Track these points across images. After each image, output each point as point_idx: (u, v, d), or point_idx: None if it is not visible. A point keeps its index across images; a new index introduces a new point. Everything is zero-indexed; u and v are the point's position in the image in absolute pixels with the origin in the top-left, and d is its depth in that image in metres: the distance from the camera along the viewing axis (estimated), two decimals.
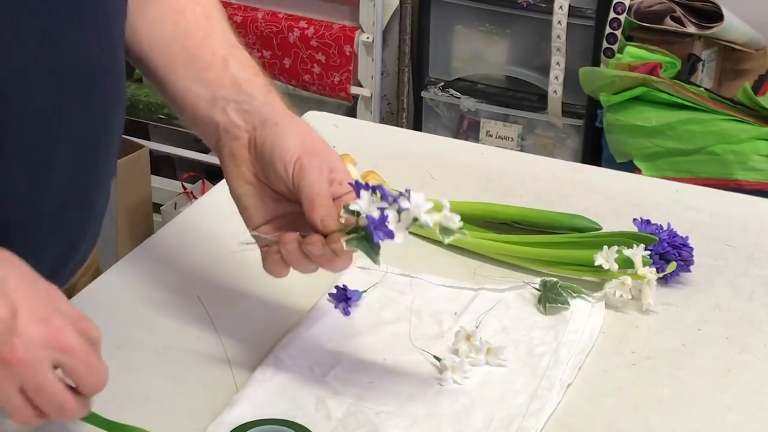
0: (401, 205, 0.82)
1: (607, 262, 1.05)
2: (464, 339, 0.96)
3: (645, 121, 2.28)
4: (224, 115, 0.94)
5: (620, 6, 2.38)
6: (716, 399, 0.94)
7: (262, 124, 0.91)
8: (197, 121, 0.96)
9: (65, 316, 0.77)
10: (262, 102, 0.94)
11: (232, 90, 0.95)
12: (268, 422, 0.87)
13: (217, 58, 0.97)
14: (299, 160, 0.88)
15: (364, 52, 2.70)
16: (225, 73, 0.96)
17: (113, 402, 0.91)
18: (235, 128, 0.93)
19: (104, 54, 0.92)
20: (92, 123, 0.92)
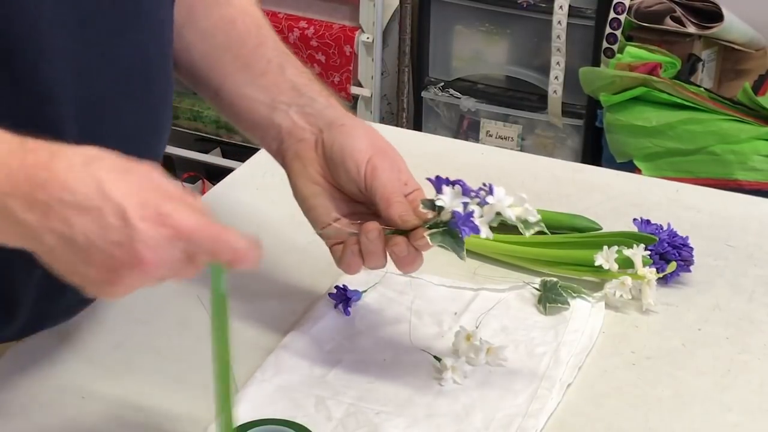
0: (484, 199, 0.83)
1: (607, 262, 1.05)
2: (464, 339, 0.96)
3: (645, 121, 2.28)
4: (287, 118, 0.95)
5: (620, 6, 2.38)
6: (716, 399, 0.93)
7: (328, 126, 0.93)
8: (256, 126, 0.96)
9: (172, 198, 0.71)
10: (324, 105, 0.95)
11: (291, 94, 0.96)
12: (269, 422, 0.87)
13: (273, 64, 0.98)
14: (371, 160, 0.89)
15: (364, 52, 2.70)
16: (283, 78, 0.97)
17: (113, 402, 0.91)
18: (299, 130, 0.94)
19: (159, 55, 0.93)
20: (143, 122, 0.93)
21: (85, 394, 0.92)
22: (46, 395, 0.91)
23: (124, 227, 0.69)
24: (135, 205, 0.69)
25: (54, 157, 0.70)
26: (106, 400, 0.91)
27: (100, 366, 0.95)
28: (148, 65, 0.91)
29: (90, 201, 0.69)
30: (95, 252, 0.70)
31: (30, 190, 0.69)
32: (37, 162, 0.70)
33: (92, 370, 0.95)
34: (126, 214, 0.69)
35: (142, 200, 0.70)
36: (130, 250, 0.69)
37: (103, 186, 0.69)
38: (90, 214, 0.69)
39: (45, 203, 0.69)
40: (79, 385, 0.92)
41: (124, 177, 0.71)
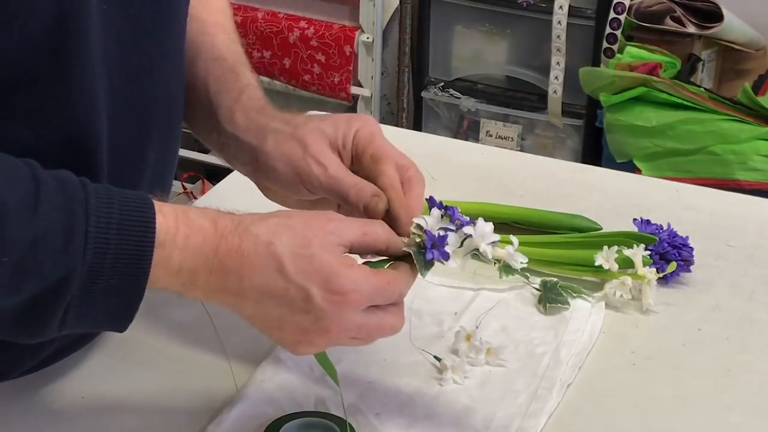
0: (465, 231, 0.81)
1: (607, 262, 1.05)
2: (464, 339, 0.96)
3: (645, 121, 2.28)
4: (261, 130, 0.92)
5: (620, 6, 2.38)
6: (716, 399, 0.94)
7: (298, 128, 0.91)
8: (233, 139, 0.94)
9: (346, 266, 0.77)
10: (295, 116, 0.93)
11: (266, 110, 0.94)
12: (303, 415, 0.87)
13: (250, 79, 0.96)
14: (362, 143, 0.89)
15: (364, 52, 2.70)
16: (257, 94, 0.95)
17: (113, 402, 0.91)
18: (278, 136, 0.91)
19: (179, 92, 0.92)
20: (165, 158, 0.92)
21: (85, 394, 0.92)
22: (46, 395, 0.91)
23: (309, 308, 0.76)
24: (317, 287, 0.76)
25: (242, 241, 0.76)
26: (106, 400, 0.91)
27: (100, 366, 0.95)
28: (170, 104, 0.90)
29: (275, 282, 0.76)
30: (287, 323, 0.77)
31: (225, 274, 0.76)
32: (228, 249, 0.76)
33: (92, 370, 0.94)
34: (309, 296, 0.76)
35: (323, 279, 0.76)
36: (317, 324, 0.77)
37: (285, 268, 0.76)
38: (277, 295, 0.76)
39: (238, 285, 0.76)
40: (79, 385, 0.92)
41: (304, 254, 0.76)
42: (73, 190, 0.72)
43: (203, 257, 0.76)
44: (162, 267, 0.74)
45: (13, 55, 0.74)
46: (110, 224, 0.72)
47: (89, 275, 0.71)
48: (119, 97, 0.83)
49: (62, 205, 0.71)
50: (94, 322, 0.75)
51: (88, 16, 0.77)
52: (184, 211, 0.76)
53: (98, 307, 0.73)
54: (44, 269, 0.70)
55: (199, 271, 0.76)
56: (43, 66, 0.76)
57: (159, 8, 0.86)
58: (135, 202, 0.74)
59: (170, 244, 0.74)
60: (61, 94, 0.78)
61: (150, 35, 0.85)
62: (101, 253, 0.71)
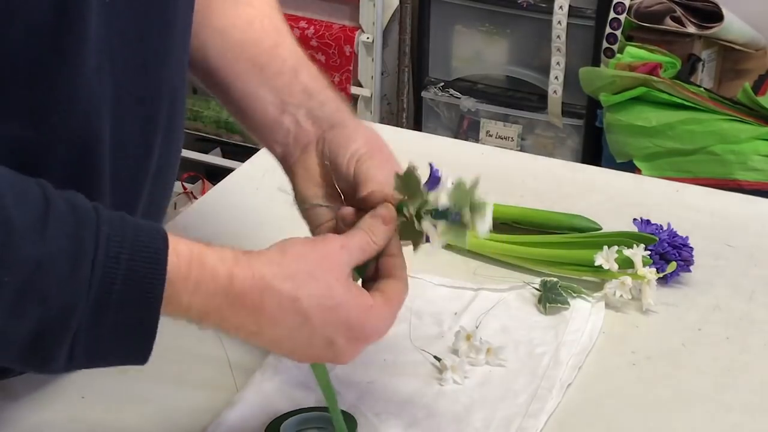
0: None
1: (607, 262, 1.05)
2: (464, 339, 0.96)
3: (645, 121, 2.28)
4: (294, 122, 0.93)
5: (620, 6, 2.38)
6: (716, 399, 0.93)
7: (331, 128, 0.91)
8: (263, 127, 0.95)
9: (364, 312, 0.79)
10: (334, 109, 0.93)
11: (301, 97, 0.94)
12: (301, 411, 0.88)
13: (287, 66, 0.96)
14: (360, 152, 0.88)
15: (364, 52, 2.70)
16: (296, 80, 0.95)
17: (113, 401, 0.91)
18: (304, 134, 0.92)
19: (182, 86, 0.92)
20: (168, 155, 0.92)
21: (85, 394, 0.92)
22: (46, 395, 0.91)
23: (332, 351, 0.78)
24: (341, 335, 0.78)
25: (263, 299, 0.75)
26: (106, 400, 0.91)
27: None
28: (173, 99, 0.90)
29: (299, 332, 0.77)
30: (300, 353, 0.79)
31: (241, 324, 0.76)
32: (245, 304, 0.75)
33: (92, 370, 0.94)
34: (333, 341, 0.78)
35: (347, 329, 0.78)
36: (335, 358, 0.80)
37: (312, 322, 0.76)
38: (299, 341, 0.77)
39: (256, 332, 0.76)
40: (79, 385, 0.92)
41: (329, 306, 0.77)
42: (85, 215, 0.70)
43: (215, 304, 0.74)
44: (172, 304, 0.73)
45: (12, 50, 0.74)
46: (120, 255, 0.70)
47: (95, 306, 0.69)
48: (124, 92, 0.83)
49: (72, 231, 0.69)
50: (106, 358, 0.73)
51: (88, 10, 0.77)
52: (200, 253, 0.74)
53: (108, 342, 0.71)
54: (48, 295, 0.68)
55: (210, 314, 0.75)
56: (42, 61, 0.75)
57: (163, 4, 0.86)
58: (148, 236, 0.72)
59: (180, 285, 0.73)
60: (60, 90, 0.77)
61: (155, 31, 0.85)
62: (108, 284, 0.69)
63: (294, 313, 0.76)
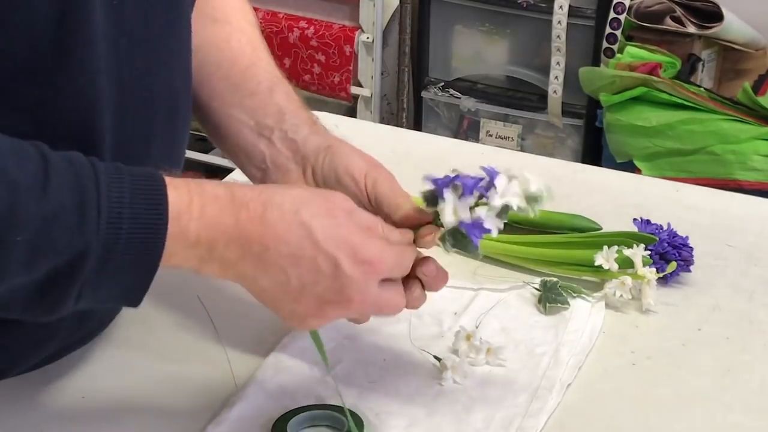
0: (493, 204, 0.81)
1: (607, 262, 1.05)
2: (464, 339, 0.96)
3: (645, 121, 2.28)
4: (270, 146, 0.94)
5: (620, 6, 2.38)
6: (716, 399, 0.93)
7: (314, 152, 0.92)
8: (240, 149, 0.95)
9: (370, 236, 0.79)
10: (308, 132, 0.94)
11: (276, 118, 0.94)
12: (309, 408, 0.88)
13: (262, 86, 0.96)
14: (368, 173, 0.89)
15: (364, 52, 2.70)
16: (270, 101, 0.95)
17: (113, 402, 0.91)
18: (284, 159, 0.93)
19: (185, 88, 0.92)
20: (169, 156, 0.92)
21: (85, 394, 0.92)
22: (46, 395, 0.91)
23: (336, 276, 0.77)
24: (345, 255, 0.77)
25: (266, 209, 0.76)
26: (106, 400, 0.91)
27: (100, 366, 0.95)
28: (175, 100, 0.90)
29: (303, 251, 0.76)
30: (307, 294, 0.77)
31: (247, 243, 0.76)
32: (250, 217, 0.76)
33: (92, 370, 0.94)
34: (338, 263, 0.77)
35: (351, 248, 0.77)
36: (341, 293, 0.78)
37: (315, 235, 0.76)
38: (304, 262, 0.77)
39: (261, 254, 0.76)
40: (79, 385, 0.92)
41: (331, 222, 0.78)
42: (82, 167, 0.72)
43: (222, 226, 0.75)
44: (179, 240, 0.74)
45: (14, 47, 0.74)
46: (122, 199, 0.72)
47: (104, 250, 0.71)
48: (127, 92, 0.83)
49: (73, 181, 0.71)
50: (108, 297, 0.75)
51: (92, 10, 0.77)
52: (197, 183, 0.76)
53: (112, 281, 0.73)
54: (59, 246, 0.70)
55: (218, 240, 0.75)
56: (44, 59, 0.76)
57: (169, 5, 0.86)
58: (145, 177, 0.74)
59: (186, 216, 0.74)
60: (62, 88, 0.78)
61: (160, 32, 0.85)
62: (115, 228, 0.71)
63: (297, 225, 0.76)
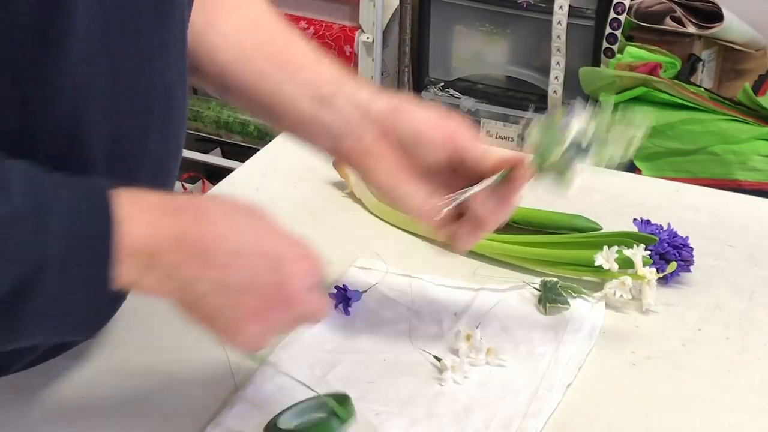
0: None
1: (607, 262, 1.05)
2: (464, 339, 0.96)
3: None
4: (334, 112, 0.93)
5: (620, 6, 2.38)
6: (716, 399, 0.94)
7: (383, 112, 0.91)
8: (303, 125, 0.94)
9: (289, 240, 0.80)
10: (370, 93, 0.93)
11: (332, 87, 0.94)
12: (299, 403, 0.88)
13: (309, 59, 0.96)
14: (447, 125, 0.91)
15: (364, 52, 2.70)
16: (320, 71, 0.95)
17: (113, 402, 0.91)
18: (355, 124, 0.92)
19: (180, 81, 0.91)
20: (166, 149, 0.91)
21: (85, 394, 0.92)
22: (46, 395, 0.91)
23: (279, 269, 0.77)
24: (286, 249, 0.78)
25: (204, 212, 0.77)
26: (106, 400, 0.91)
27: (99, 366, 0.95)
28: (170, 93, 0.89)
29: (246, 246, 0.76)
30: (248, 293, 0.76)
31: (188, 245, 0.75)
32: (189, 220, 0.76)
33: (92, 371, 0.95)
34: (281, 257, 0.77)
35: (289, 243, 0.78)
36: (284, 288, 0.77)
37: (256, 231, 0.77)
38: (247, 258, 0.76)
39: (202, 254, 0.75)
40: (79, 385, 0.92)
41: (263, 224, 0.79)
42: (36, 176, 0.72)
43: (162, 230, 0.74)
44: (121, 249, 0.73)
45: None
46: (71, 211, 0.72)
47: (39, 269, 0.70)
48: (121, 86, 0.83)
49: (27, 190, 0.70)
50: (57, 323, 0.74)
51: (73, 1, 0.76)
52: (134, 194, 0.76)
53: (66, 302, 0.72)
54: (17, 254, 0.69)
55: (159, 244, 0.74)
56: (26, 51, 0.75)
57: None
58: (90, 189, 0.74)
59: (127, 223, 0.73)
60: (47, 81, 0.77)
61: (152, 24, 0.85)
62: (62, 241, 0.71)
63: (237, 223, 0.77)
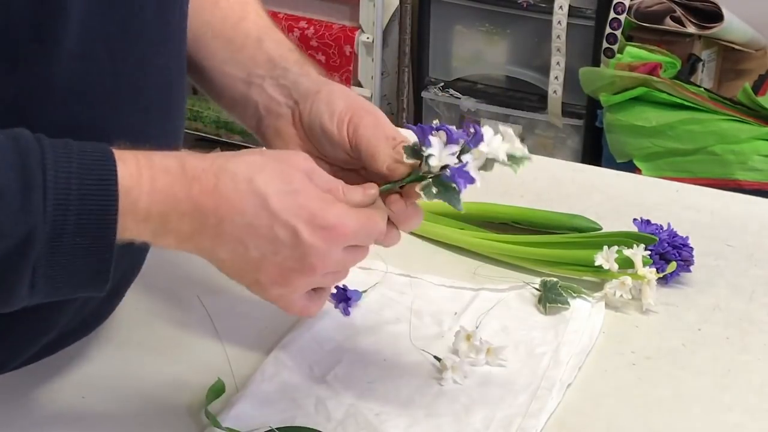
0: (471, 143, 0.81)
1: (607, 262, 1.05)
2: (464, 339, 0.96)
3: (645, 121, 2.29)
4: (262, 92, 0.93)
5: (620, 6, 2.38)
6: (716, 399, 0.93)
7: (304, 96, 0.91)
8: (236, 103, 0.95)
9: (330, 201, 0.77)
10: (298, 74, 0.93)
11: (266, 66, 0.94)
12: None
13: (251, 38, 0.96)
14: (351, 119, 0.87)
15: (364, 52, 2.70)
16: (259, 51, 0.95)
17: (113, 401, 0.91)
18: (276, 105, 0.92)
19: (180, 76, 0.91)
20: (165, 145, 0.91)
21: (85, 394, 0.92)
22: (46, 395, 0.91)
23: (296, 244, 0.75)
24: (304, 223, 0.75)
25: (219, 180, 0.74)
26: (106, 400, 0.91)
27: (99, 366, 0.95)
28: (169, 88, 0.89)
29: (260, 220, 0.75)
30: (267, 264, 0.76)
31: (201, 216, 0.74)
32: (203, 189, 0.74)
33: (92, 370, 0.95)
34: (297, 231, 0.75)
35: (309, 214, 0.76)
36: (302, 261, 0.76)
37: (270, 204, 0.75)
38: (261, 232, 0.75)
39: (217, 226, 0.74)
40: (79, 385, 0.92)
41: (287, 189, 0.76)
42: (28, 146, 0.71)
43: (173, 199, 0.74)
44: (130, 214, 0.72)
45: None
46: (70, 178, 0.70)
47: (52, 232, 0.70)
48: (123, 82, 0.83)
49: (17, 163, 0.69)
50: (67, 285, 0.73)
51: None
52: (146, 156, 0.75)
53: (67, 268, 0.72)
54: (5, 230, 0.68)
55: (170, 214, 0.74)
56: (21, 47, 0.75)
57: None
58: (93, 152, 0.72)
59: (136, 189, 0.72)
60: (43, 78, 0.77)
61: (153, 21, 0.85)
62: (62, 209, 0.70)
63: (252, 195, 0.75)
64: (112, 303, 0.97)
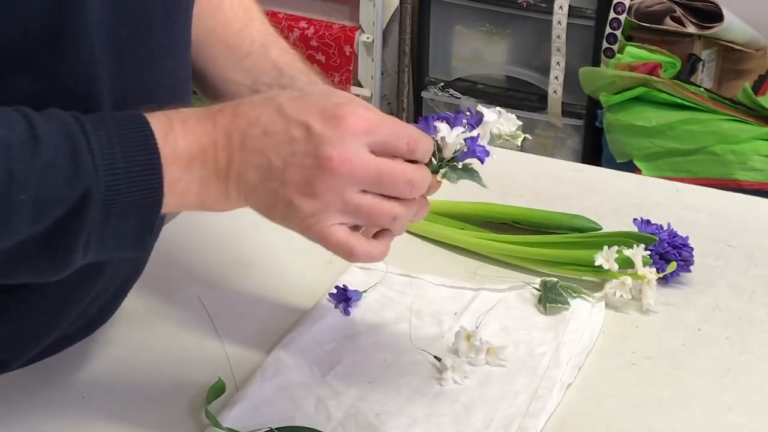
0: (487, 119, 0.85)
1: (607, 262, 1.05)
2: (464, 339, 0.96)
3: (645, 121, 2.29)
4: None
5: (620, 6, 2.38)
6: (716, 399, 0.94)
7: None
8: None
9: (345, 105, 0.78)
10: (306, 82, 0.94)
11: (272, 74, 0.95)
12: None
13: (256, 45, 0.97)
14: None
15: (364, 52, 2.70)
16: (265, 59, 0.96)
17: (113, 402, 0.91)
18: None
19: (186, 77, 0.92)
20: None
21: (85, 394, 0.92)
22: (46, 395, 0.91)
23: (308, 136, 0.76)
24: (315, 116, 0.76)
25: (238, 105, 0.78)
26: (106, 400, 0.91)
27: (100, 366, 0.95)
28: (176, 90, 0.90)
29: (275, 125, 0.76)
30: (290, 169, 0.76)
31: (228, 139, 0.76)
32: (225, 115, 0.77)
33: (92, 370, 0.95)
34: (308, 125, 0.76)
35: (320, 110, 0.77)
36: (316, 154, 0.76)
37: (283, 109, 0.77)
38: (277, 135, 0.76)
39: (240, 144, 0.76)
40: (79, 385, 0.92)
41: (300, 97, 0.78)
42: (65, 118, 0.73)
43: (205, 132, 0.76)
44: (173, 160, 0.74)
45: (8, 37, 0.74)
46: (111, 138, 0.73)
47: (107, 193, 0.72)
48: (129, 84, 0.83)
49: (60, 132, 0.72)
50: (116, 243, 0.75)
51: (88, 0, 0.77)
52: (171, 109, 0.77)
53: (117, 228, 0.73)
54: (61, 195, 0.70)
55: (207, 150, 0.76)
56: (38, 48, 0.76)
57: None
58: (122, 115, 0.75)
59: (171, 135, 0.75)
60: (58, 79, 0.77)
61: (161, 22, 0.85)
62: (112, 169, 0.72)
63: (266, 105, 0.77)
64: (115, 304, 0.97)
